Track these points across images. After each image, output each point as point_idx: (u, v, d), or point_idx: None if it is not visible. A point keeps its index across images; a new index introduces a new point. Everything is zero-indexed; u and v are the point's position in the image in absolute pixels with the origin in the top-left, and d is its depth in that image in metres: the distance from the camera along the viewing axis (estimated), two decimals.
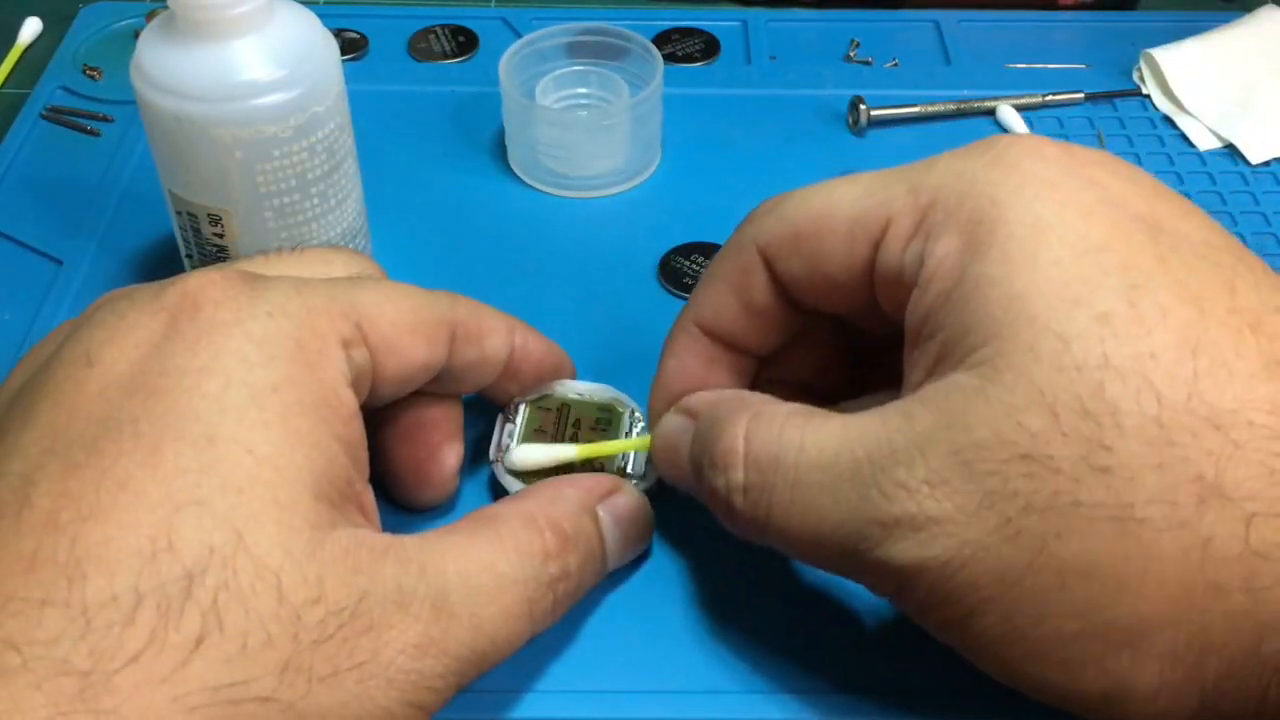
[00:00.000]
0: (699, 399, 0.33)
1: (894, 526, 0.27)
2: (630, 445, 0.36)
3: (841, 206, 0.31)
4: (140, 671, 0.23)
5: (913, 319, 0.29)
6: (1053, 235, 0.27)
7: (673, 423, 0.33)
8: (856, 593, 0.35)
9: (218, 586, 0.24)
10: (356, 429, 0.29)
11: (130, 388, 0.26)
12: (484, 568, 0.28)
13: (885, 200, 0.30)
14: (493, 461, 0.36)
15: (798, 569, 0.35)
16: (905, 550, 0.27)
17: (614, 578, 0.35)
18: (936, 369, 0.28)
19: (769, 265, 0.32)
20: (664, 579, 0.35)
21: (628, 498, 0.33)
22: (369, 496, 0.29)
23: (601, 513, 0.32)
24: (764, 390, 0.35)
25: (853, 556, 0.28)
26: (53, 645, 0.22)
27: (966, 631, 0.27)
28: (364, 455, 0.29)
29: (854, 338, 0.35)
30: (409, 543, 0.28)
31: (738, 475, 0.30)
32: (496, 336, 0.34)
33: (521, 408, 0.37)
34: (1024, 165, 0.28)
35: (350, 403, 0.28)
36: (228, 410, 0.26)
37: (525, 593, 0.29)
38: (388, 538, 0.27)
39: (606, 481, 0.33)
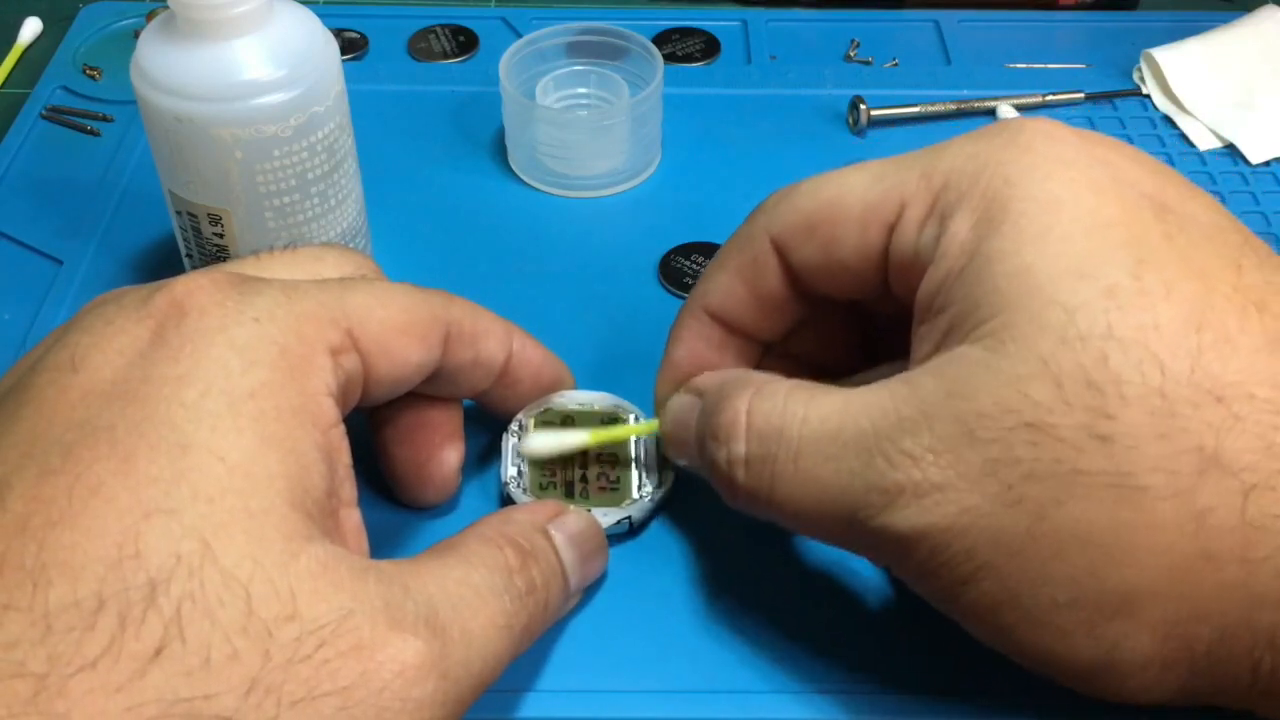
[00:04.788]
0: (705, 378, 0.34)
1: (896, 494, 0.27)
2: (640, 429, 0.36)
3: (855, 193, 0.31)
4: (95, 678, 0.22)
5: (924, 296, 0.29)
6: (1064, 211, 0.27)
7: (681, 402, 0.34)
8: (861, 591, 0.35)
9: (182, 596, 0.23)
10: (337, 438, 0.28)
11: (111, 394, 0.25)
12: (460, 582, 0.27)
13: (898, 185, 0.30)
14: (505, 483, 0.36)
15: (800, 568, 0.35)
16: (906, 518, 0.27)
17: (614, 577, 0.35)
18: (944, 343, 0.28)
19: (781, 254, 0.33)
20: (665, 578, 0.35)
21: (576, 517, 0.33)
22: (356, 518, 0.29)
23: (553, 531, 0.32)
24: (771, 367, 0.35)
25: (854, 526, 0.28)
26: (11, 649, 0.22)
27: (963, 599, 0.27)
28: (345, 468, 0.28)
29: (863, 318, 0.36)
30: (386, 565, 0.27)
31: (739, 447, 0.30)
32: (492, 339, 0.34)
33: (527, 424, 0.37)
34: (1036, 145, 0.29)
35: (331, 412, 0.28)
36: (203, 418, 0.25)
37: (502, 605, 0.28)
38: (366, 559, 0.27)
39: (551, 505, 0.33)
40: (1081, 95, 0.54)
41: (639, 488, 0.36)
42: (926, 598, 0.29)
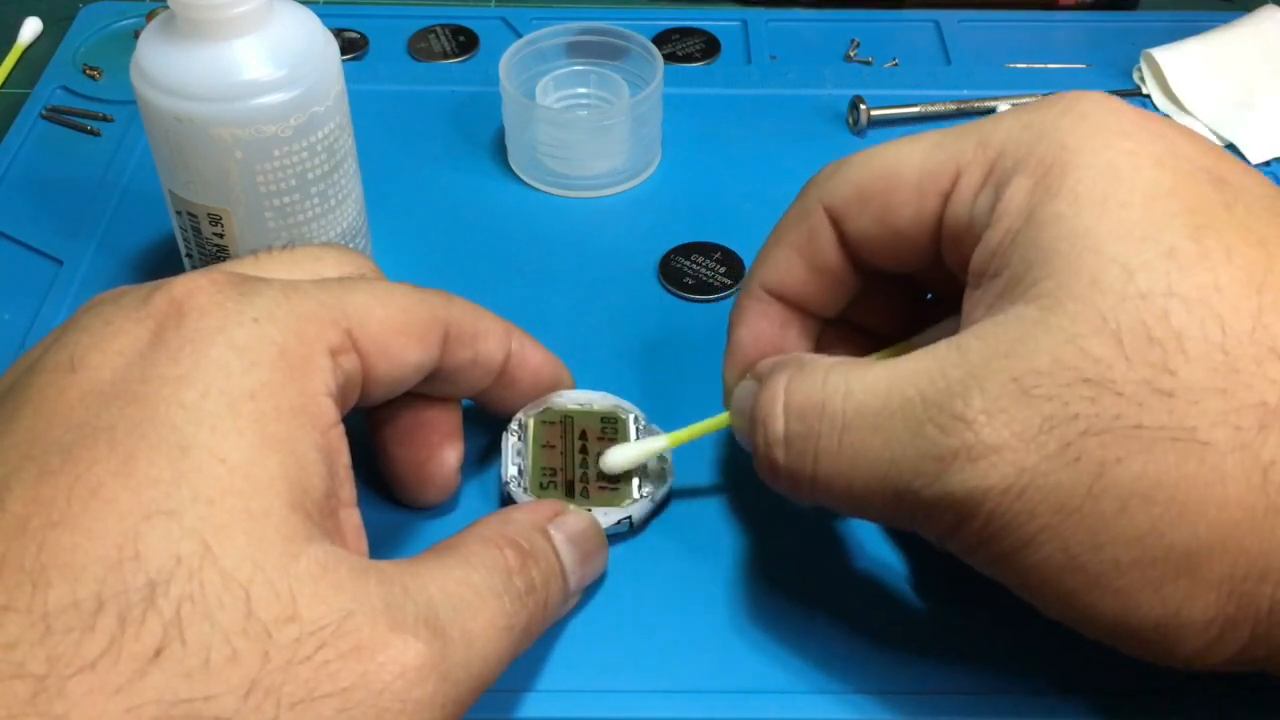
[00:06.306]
0: (767, 363, 0.33)
1: (951, 459, 0.27)
2: (719, 423, 0.35)
3: (910, 162, 0.31)
4: (95, 679, 0.22)
5: (977, 261, 0.29)
6: (1123, 179, 0.27)
7: (745, 389, 0.33)
8: (862, 591, 0.35)
9: (182, 597, 0.23)
10: (336, 438, 0.28)
11: (110, 395, 0.25)
12: (460, 582, 0.27)
13: (954, 153, 0.30)
14: (505, 483, 0.36)
15: (800, 568, 0.35)
16: (964, 481, 0.27)
17: (614, 577, 0.35)
18: (996, 306, 0.28)
19: (836, 225, 0.33)
20: (665, 578, 0.35)
21: (576, 517, 0.33)
22: (356, 519, 0.29)
23: (553, 531, 0.32)
24: (828, 337, 0.35)
25: (906, 497, 0.28)
26: (10, 650, 0.22)
27: (1022, 563, 0.27)
28: (345, 469, 0.28)
29: (921, 292, 0.36)
30: (386, 566, 0.27)
31: (777, 426, 0.30)
32: (491, 339, 0.34)
33: (527, 423, 0.37)
34: (1094, 115, 0.29)
35: (331, 413, 0.28)
36: (203, 419, 0.25)
37: (502, 606, 0.28)
38: (366, 560, 0.27)
39: (551, 505, 0.33)
40: None
41: (639, 488, 0.36)
42: (982, 567, 0.28)
